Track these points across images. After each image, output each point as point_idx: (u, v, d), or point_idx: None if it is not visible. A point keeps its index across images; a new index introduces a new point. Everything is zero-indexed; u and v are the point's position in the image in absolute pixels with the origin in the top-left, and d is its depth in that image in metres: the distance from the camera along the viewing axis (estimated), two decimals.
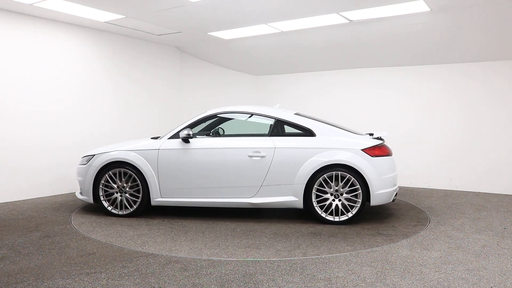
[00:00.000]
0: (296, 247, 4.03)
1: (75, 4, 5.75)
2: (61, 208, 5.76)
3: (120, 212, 5.22)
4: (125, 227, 4.76)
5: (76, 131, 6.95)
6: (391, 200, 4.98)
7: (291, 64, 8.54)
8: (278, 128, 5.25)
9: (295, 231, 4.59)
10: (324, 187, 4.83)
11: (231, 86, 9.22)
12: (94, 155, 5.33)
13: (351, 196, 4.81)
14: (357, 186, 4.76)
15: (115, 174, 5.20)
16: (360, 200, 4.78)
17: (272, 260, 3.66)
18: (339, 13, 5.84)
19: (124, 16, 6.32)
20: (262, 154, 4.94)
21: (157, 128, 8.10)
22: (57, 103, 6.69)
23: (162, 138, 5.29)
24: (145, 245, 4.12)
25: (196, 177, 5.06)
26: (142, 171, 5.12)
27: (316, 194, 4.85)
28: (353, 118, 7.87)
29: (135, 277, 3.28)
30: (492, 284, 3.12)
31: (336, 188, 4.81)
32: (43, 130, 6.51)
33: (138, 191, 5.17)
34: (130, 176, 5.18)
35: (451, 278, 3.23)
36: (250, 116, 5.45)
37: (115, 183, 5.21)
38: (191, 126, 5.26)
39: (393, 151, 5.28)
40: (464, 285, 3.11)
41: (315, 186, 4.83)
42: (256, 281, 3.20)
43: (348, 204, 4.82)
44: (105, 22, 6.68)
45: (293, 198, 4.88)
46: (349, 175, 4.77)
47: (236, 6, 5.71)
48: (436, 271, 3.39)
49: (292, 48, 7.67)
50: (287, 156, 4.91)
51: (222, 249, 4.00)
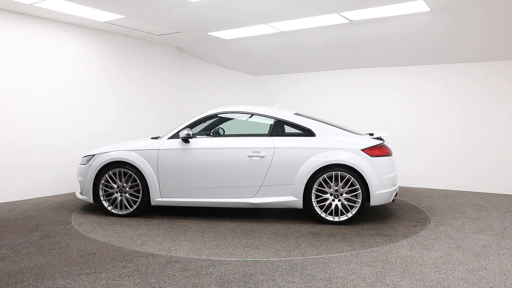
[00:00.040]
0: (295, 247, 4.03)
1: (75, 4, 5.75)
2: (61, 208, 5.76)
3: (120, 212, 5.23)
4: (124, 227, 4.77)
5: (76, 131, 6.95)
6: (391, 200, 4.98)
7: (291, 64, 8.54)
8: (278, 128, 5.25)
9: (295, 231, 4.59)
10: (324, 187, 4.83)
11: (231, 86, 9.23)
12: (94, 155, 5.33)
13: (350, 196, 4.81)
14: (356, 186, 4.76)
15: (115, 174, 5.21)
16: (359, 200, 4.77)
17: (272, 260, 3.66)
18: (339, 13, 5.84)
19: (124, 16, 6.32)
20: (261, 154, 4.94)
21: (157, 128, 8.10)
22: (57, 103, 6.69)
23: (162, 138, 5.30)
24: (144, 245, 4.12)
25: (196, 177, 5.06)
26: (142, 171, 5.12)
27: (316, 194, 4.85)
28: (353, 118, 7.87)
29: (135, 277, 3.28)
30: (492, 284, 3.12)
31: (336, 188, 4.81)
32: (43, 130, 6.51)
33: (138, 191, 5.18)
34: (130, 176, 5.18)
35: (451, 278, 3.23)
36: (250, 116, 5.45)
37: (115, 183, 5.21)
38: (191, 126, 5.26)
39: (393, 151, 5.28)
40: (464, 285, 3.11)
41: (315, 186, 4.83)
42: (256, 281, 3.20)
43: (347, 204, 4.82)
44: (105, 22, 6.69)
45: (292, 198, 4.88)
46: (348, 175, 4.77)
47: (236, 6, 5.71)
48: (436, 271, 3.39)
49: (292, 48, 7.67)
50: (286, 156, 4.91)
51: (221, 249, 4.00)
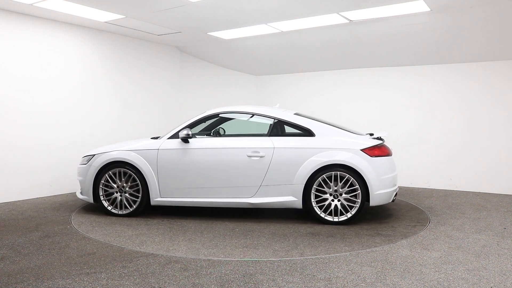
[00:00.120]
0: (294, 247, 4.03)
1: (75, 4, 5.75)
2: (61, 208, 5.76)
3: (120, 212, 5.23)
4: (124, 227, 4.77)
5: (76, 131, 6.95)
6: (391, 200, 4.98)
7: (291, 64, 8.54)
8: (277, 128, 5.25)
9: (294, 231, 4.59)
10: (323, 187, 4.83)
11: (231, 86, 9.22)
12: (94, 155, 5.33)
13: (350, 196, 4.81)
14: (356, 186, 4.76)
15: (115, 174, 5.21)
16: (359, 200, 4.77)
17: (272, 260, 3.66)
18: (339, 13, 5.84)
19: (124, 16, 6.32)
20: (261, 154, 4.93)
21: (157, 128, 8.10)
22: (57, 103, 6.69)
23: (161, 138, 5.30)
24: (143, 244, 4.12)
25: (195, 177, 5.06)
26: (142, 171, 5.12)
27: (315, 194, 4.84)
28: (353, 118, 7.87)
29: (135, 277, 3.28)
30: (492, 284, 3.12)
31: (335, 188, 4.81)
32: (43, 130, 6.51)
33: (138, 191, 5.18)
34: (130, 176, 5.18)
35: (451, 278, 3.23)
36: (251, 117, 5.44)
37: (115, 183, 5.21)
38: (191, 126, 5.26)
39: (393, 151, 5.28)
40: (464, 285, 3.11)
41: (314, 186, 4.82)
42: (256, 281, 3.20)
43: (347, 204, 4.82)
44: (105, 22, 6.69)
45: (292, 198, 4.88)
46: (348, 175, 4.77)
47: (236, 6, 5.71)
48: (436, 271, 3.39)
49: (292, 48, 7.67)
50: (286, 156, 4.91)
51: (220, 249, 4.00)
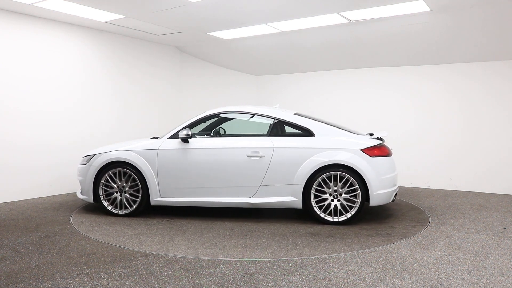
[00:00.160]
0: (293, 247, 4.03)
1: (75, 4, 5.75)
2: (61, 208, 5.76)
3: (119, 212, 5.23)
4: (124, 227, 4.77)
5: (76, 131, 6.95)
6: (391, 200, 4.97)
7: (291, 64, 8.54)
8: (277, 128, 5.26)
9: (293, 231, 4.59)
10: (323, 187, 4.83)
11: (231, 86, 9.22)
12: (94, 155, 5.33)
13: (350, 196, 4.80)
14: (356, 187, 4.76)
15: (115, 174, 5.21)
16: (359, 201, 4.77)
17: (271, 260, 3.66)
18: (339, 13, 5.84)
19: (124, 16, 6.32)
20: (260, 154, 4.93)
21: (157, 128, 8.10)
22: (57, 103, 6.69)
23: (161, 138, 5.30)
24: (142, 244, 4.12)
25: (195, 177, 5.06)
26: (142, 171, 5.12)
27: (315, 194, 4.84)
28: (353, 118, 7.87)
29: (135, 277, 3.28)
30: (492, 284, 3.12)
31: (335, 188, 4.81)
32: (43, 130, 6.51)
33: (138, 191, 5.18)
34: (130, 176, 5.18)
35: (451, 278, 3.23)
36: (251, 117, 5.44)
37: (115, 182, 5.21)
38: (191, 126, 5.26)
39: (393, 151, 5.28)
40: (464, 285, 3.11)
41: (314, 186, 4.82)
42: (256, 281, 3.20)
43: (347, 204, 4.82)
44: (105, 22, 6.69)
45: (292, 198, 4.88)
46: (348, 175, 4.76)
47: (236, 6, 5.71)
48: (436, 271, 3.39)
49: (292, 48, 7.67)
50: (286, 156, 4.91)
51: (219, 249, 4.00)
